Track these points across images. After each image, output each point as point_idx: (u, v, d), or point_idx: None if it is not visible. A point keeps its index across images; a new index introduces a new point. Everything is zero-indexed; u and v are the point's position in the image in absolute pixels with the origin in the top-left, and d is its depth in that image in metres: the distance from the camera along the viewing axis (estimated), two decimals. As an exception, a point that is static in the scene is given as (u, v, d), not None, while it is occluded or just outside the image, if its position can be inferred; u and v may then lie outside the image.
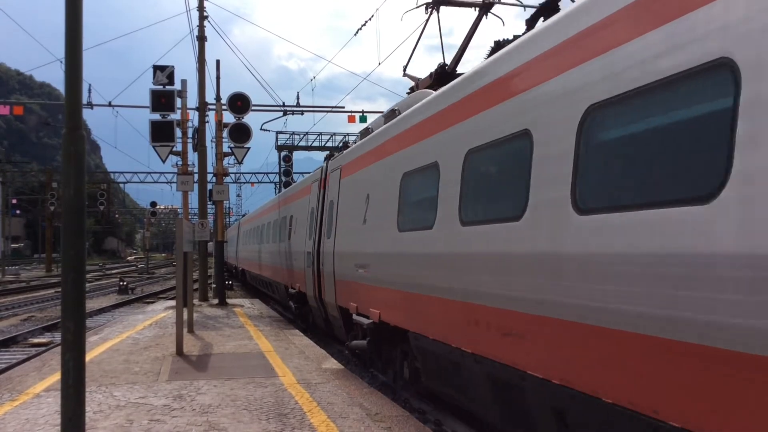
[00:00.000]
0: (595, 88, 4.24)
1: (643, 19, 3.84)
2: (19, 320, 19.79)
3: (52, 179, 57.87)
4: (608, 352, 3.94)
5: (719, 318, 3.12)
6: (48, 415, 6.49)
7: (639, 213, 3.72)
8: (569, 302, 4.31)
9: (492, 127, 5.65)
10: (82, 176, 3.30)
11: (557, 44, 4.77)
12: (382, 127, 9.58)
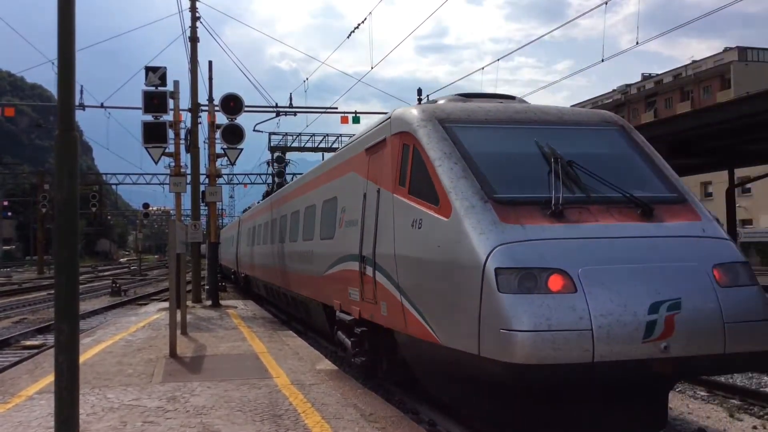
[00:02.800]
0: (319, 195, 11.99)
1: (327, 177, 11.67)
2: (11, 322, 19.70)
3: (43, 181, 57.64)
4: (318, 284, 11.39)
5: (313, 267, 11.64)
6: (41, 418, 6.47)
7: (316, 241, 11.92)
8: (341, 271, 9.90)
9: (327, 192, 11.36)
10: (75, 178, 3.29)
11: (317, 178, 12.75)
12: (285, 190, 17.79)
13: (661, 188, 6.91)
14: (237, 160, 21.06)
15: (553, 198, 6.17)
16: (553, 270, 5.48)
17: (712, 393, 9.49)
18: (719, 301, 5.59)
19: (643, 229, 6.12)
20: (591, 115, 8.22)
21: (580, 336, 5.19)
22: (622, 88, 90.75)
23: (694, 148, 17.63)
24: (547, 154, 6.78)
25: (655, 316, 5.34)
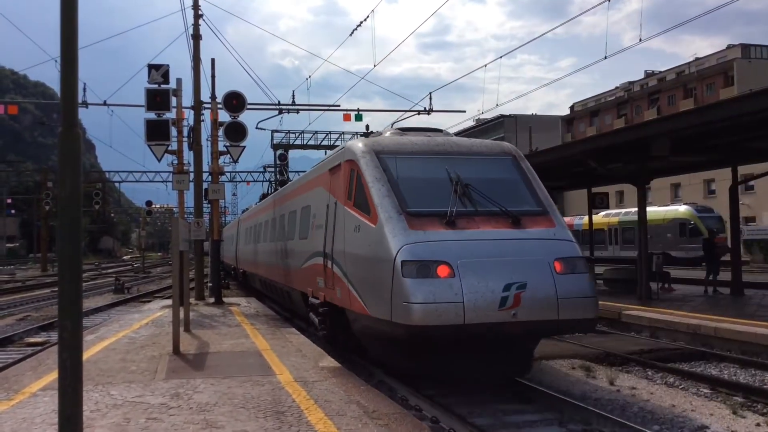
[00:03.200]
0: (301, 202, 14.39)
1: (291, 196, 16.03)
2: (15, 320, 19.74)
3: (47, 179, 57.69)
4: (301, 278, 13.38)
5: (289, 263, 14.84)
6: (45, 414, 6.49)
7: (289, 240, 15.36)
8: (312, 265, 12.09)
9: (304, 201, 13.78)
10: (78, 175, 3.30)
11: (295, 189, 15.71)
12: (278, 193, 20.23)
13: (531, 203, 9.53)
14: (240, 157, 21.06)
15: (449, 211, 8.77)
16: (440, 262, 8.02)
17: (715, 390, 9.49)
18: (555, 284, 8.13)
19: (510, 233, 8.73)
20: (493, 147, 10.84)
21: (455, 306, 7.74)
22: (625, 85, 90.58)
23: (696, 146, 17.61)
24: (452, 178, 9.34)
25: (507, 293, 7.88)
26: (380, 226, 8.70)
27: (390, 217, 8.69)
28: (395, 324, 8.02)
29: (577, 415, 7.88)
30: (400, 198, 9.00)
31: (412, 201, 8.99)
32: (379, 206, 8.91)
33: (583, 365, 10.64)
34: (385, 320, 8.25)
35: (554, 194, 30.84)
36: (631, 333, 14.49)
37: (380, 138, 10.84)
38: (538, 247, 8.63)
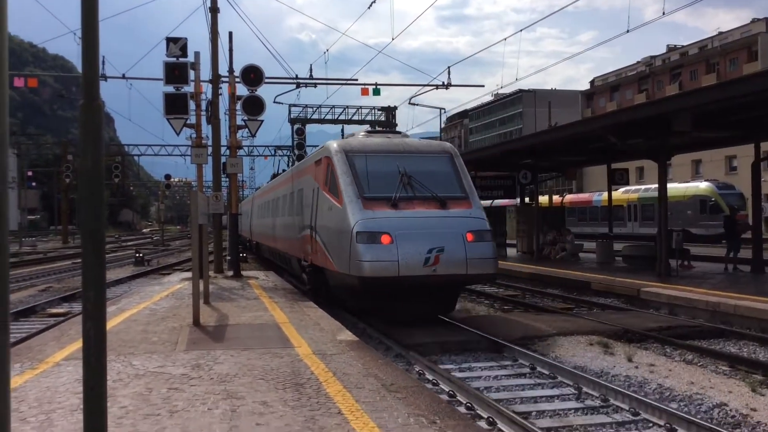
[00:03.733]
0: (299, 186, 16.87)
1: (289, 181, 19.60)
2: (37, 291, 20.05)
3: (67, 151, 58.13)
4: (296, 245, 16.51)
5: (289, 234, 17.84)
6: (68, 384, 6.60)
7: (288, 216, 18.62)
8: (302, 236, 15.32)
9: (299, 185, 16.64)
10: (99, 147, 3.31)
11: (293, 174, 18.95)
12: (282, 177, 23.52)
13: (457, 191, 12.64)
14: (257, 131, 21.05)
15: (393, 196, 12.00)
16: (383, 233, 11.25)
17: (734, 368, 9.45)
18: (465, 249, 11.36)
19: (436, 213, 11.91)
20: (435, 146, 14.04)
21: (393, 264, 10.99)
22: (646, 59, 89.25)
23: (719, 121, 17.35)
24: (400, 171, 12.44)
25: (430, 255, 11.11)
26: (344, 207, 12.04)
27: (351, 201, 11.99)
28: (352, 276, 11.41)
29: (594, 390, 7.89)
30: (360, 186, 12.25)
31: (368, 188, 12.26)
32: (344, 192, 12.22)
33: (601, 341, 10.62)
34: (346, 274, 11.64)
35: (574, 170, 30.66)
36: (649, 310, 14.43)
37: (351, 139, 14.33)
38: (456, 223, 11.84)
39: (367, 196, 11.97)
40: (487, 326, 11.85)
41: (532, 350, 10.19)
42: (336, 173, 12.62)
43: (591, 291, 17.12)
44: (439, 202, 12.12)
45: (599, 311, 14.56)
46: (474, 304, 16.24)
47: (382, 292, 11.63)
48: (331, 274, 12.80)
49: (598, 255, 24.46)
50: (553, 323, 12.09)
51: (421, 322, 11.96)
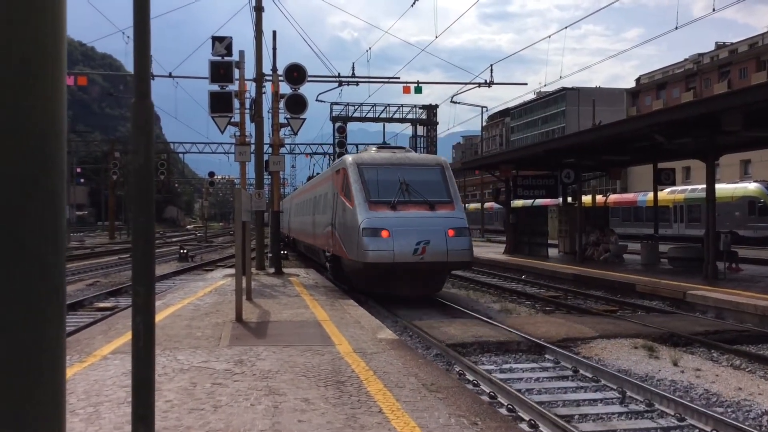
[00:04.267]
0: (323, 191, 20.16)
1: (316, 186, 23.11)
2: (85, 285, 20.53)
3: (114, 149, 59.42)
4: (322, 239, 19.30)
5: (316, 230, 20.89)
6: (115, 377, 6.75)
7: (316, 215, 21.33)
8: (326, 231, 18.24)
9: (324, 189, 19.73)
10: (151, 145, 3.38)
11: (319, 181, 23.06)
12: (312, 181, 27.84)
13: (444, 196, 15.71)
14: (300, 129, 21.22)
15: (393, 201, 15.16)
16: (383, 228, 14.35)
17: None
18: (446, 242, 14.48)
19: (426, 214, 15.06)
20: (430, 159, 17.73)
21: (389, 253, 14.16)
22: (694, 57, 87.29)
23: (771, 121, 16.88)
24: (399, 180, 15.61)
25: (418, 246, 14.23)
26: (355, 208, 15.25)
27: (359, 203, 15.22)
28: (359, 262, 14.75)
29: (639, 395, 7.76)
30: (367, 192, 15.46)
31: (374, 194, 15.44)
32: (355, 197, 15.43)
33: (646, 345, 10.42)
34: (355, 260, 15.00)
35: (618, 170, 30.12)
36: (695, 313, 14.12)
37: (363, 154, 17.95)
38: (440, 222, 15.01)
39: (372, 200, 15.31)
40: (529, 327, 11.74)
41: (575, 352, 10.06)
42: (350, 181, 15.88)
43: (635, 293, 16.83)
44: (428, 205, 15.42)
45: (644, 314, 14.31)
46: (515, 304, 16.11)
47: (381, 275, 14.90)
48: (345, 261, 16.09)
49: (642, 256, 24.03)
50: (597, 325, 11.92)
51: (460, 319, 12.27)
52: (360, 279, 15.69)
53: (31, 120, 1.52)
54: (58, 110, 1.59)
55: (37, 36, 1.53)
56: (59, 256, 1.62)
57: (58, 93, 1.60)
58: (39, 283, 1.53)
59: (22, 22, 1.50)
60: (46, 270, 1.55)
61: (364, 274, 15.09)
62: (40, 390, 1.55)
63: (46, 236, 1.56)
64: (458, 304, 15.75)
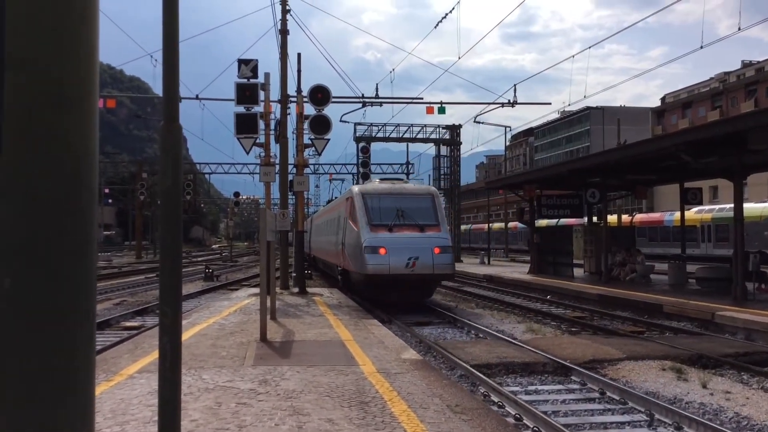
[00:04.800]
0: (337, 214, 23.41)
1: (331, 210, 26.87)
2: (112, 304, 20.73)
3: (141, 170, 60.24)
4: (335, 256, 22.39)
5: (331, 248, 23.71)
6: (141, 396, 6.80)
7: (331, 235, 24.25)
8: (338, 249, 21.25)
9: (337, 213, 23.31)
10: (179, 167, 3.43)
11: (334, 206, 26.63)
12: (328, 206, 32.86)
13: (432, 220, 18.59)
14: (324, 150, 21.37)
15: (390, 224, 18.11)
16: (381, 246, 17.49)
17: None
18: (432, 258, 17.52)
19: (416, 235, 18.02)
20: (422, 189, 20.59)
21: (386, 266, 17.33)
22: (720, 75, 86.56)
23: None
24: (396, 207, 18.48)
25: (409, 261, 17.35)
26: (359, 231, 18.26)
27: (363, 226, 18.24)
28: (362, 273, 17.85)
29: (667, 417, 7.63)
30: (369, 217, 18.45)
31: (374, 218, 18.43)
32: (359, 220, 18.47)
33: (674, 367, 10.26)
34: (358, 272, 18.16)
35: (644, 189, 29.85)
36: (725, 335, 13.88)
37: (367, 185, 21.24)
38: (428, 241, 17.94)
39: (373, 223, 18.32)
40: (554, 348, 11.62)
41: (602, 374, 9.93)
42: (355, 208, 18.90)
43: (663, 314, 16.59)
44: (419, 228, 18.35)
45: (671, 335, 14.10)
46: (540, 325, 15.96)
47: (379, 284, 17.85)
48: (351, 274, 19.45)
49: (670, 277, 23.71)
50: (623, 347, 11.76)
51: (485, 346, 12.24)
52: (363, 288, 18.77)
53: (66, 142, 1.56)
54: (91, 133, 1.64)
55: (72, 62, 1.58)
56: (91, 274, 1.66)
57: (92, 116, 1.64)
58: (73, 302, 1.57)
59: (58, 48, 1.55)
60: (81, 289, 1.59)
61: (366, 284, 18.25)
62: (72, 408, 1.58)
63: (80, 256, 1.60)
64: (482, 324, 15.66)
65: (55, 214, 1.54)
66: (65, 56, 1.56)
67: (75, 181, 1.58)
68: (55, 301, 1.54)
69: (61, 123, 1.55)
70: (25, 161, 1.51)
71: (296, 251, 21.91)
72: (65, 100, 1.56)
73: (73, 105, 1.58)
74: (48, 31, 1.53)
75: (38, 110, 1.52)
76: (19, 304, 1.50)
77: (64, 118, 1.56)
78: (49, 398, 1.53)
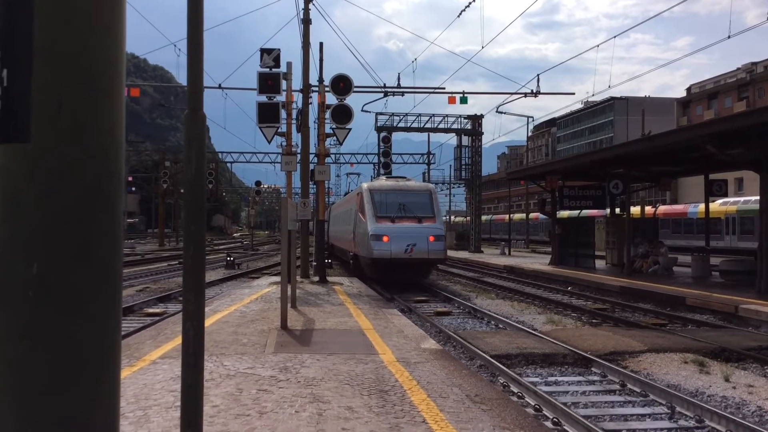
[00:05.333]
0: (350, 207, 26.66)
1: (346, 203, 30.22)
2: (135, 291, 20.98)
3: (164, 158, 60.70)
4: (348, 243, 25.79)
5: (345, 236, 27.12)
6: (164, 381, 6.89)
7: (345, 225, 27.52)
8: (350, 237, 24.95)
9: (350, 206, 26.47)
10: (202, 155, 3.46)
11: (348, 199, 30.34)
12: (344, 198, 36.29)
13: (429, 213, 21.99)
14: (345, 139, 21.38)
15: (393, 216, 21.54)
16: (384, 234, 20.84)
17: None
18: (428, 245, 20.94)
19: (415, 225, 21.34)
20: (421, 186, 24.16)
21: (388, 251, 20.70)
22: (746, 66, 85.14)
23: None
24: (398, 201, 22.02)
25: (407, 247, 20.71)
26: (366, 221, 21.42)
27: (370, 218, 21.35)
28: (368, 258, 21.05)
29: (689, 410, 7.58)
30: (375, 210, 21.60)
31: (380, 211, 21.58)
32: (367, 213, 21.59)
33: (696, 360, 10.18)
34: (365, 257, 21.34)
35: (669, 181, 29.53)
36: (748, 328, 13.74)
37: (375, 182, 25.23)
38: (424, 231, 20.97)
39: (378, 215, 21.58)
40: (575, 339, 11.59)
41: (622, 366, 9.88)
42: (364, 202, 22.22)
43: (685, 307, 16.45)
44: (417, 219, 21.56)
45: (694, 328, 13.98)
46: (561, 316, 15.90)
47: (382, 267, 21.19)
48: (360, 258, 22.87)
49: (693, 269, 23.48)
50: (645, 339, 11.68)
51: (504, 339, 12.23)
52: (370, 269, 22.16)
53: (94, 131, 1.59)
54: (118, 122, 1.66)
55: (99, 53, 1.60)
56: (118, 261, 1.69)
57: (118, 106, 1.67)
58: (101, 288, 1.60)
59: (86, 38, 1.57)
60: (108, 275, 1.62)
61: (371, 266, 21.69)
62: (99, 393, 1.61)
63: (107, 243, 1.63)
64: (502, 315, 15.64)
65: (82, 202, 1.57)
66: (94, 45, 1.58)
67: (103, 170, 1.61)
68: (83, 287, 1.57)
69: (90, 112, 1.58)
70: (53, 149, 1.54)
71: (317, 240, 21.99)
72: (94, 89, 1.58)
73: (102, 94, 1.60)
74: (77, 20, 1.55)
75: (67, 99, 1.54)
76: (47, 289, 1.53)
77: (92, 107, 1.58)
78: (77, 383, 1.56)
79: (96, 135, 1.59)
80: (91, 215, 1.58)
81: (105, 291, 1.62)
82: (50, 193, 1.53)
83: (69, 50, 1.54)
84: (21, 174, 1.53)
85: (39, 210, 1.53)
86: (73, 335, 1.55)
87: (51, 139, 1.53)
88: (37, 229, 1.53)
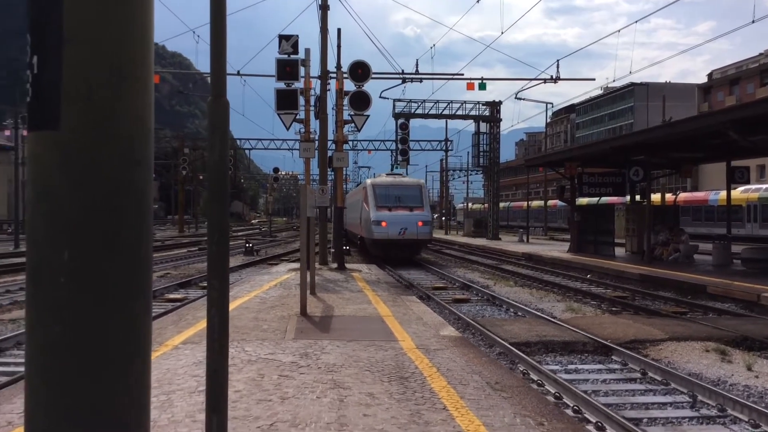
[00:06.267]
0: (358, 198, 33.04)
1: (354, 194, 37.68)
2: (156, 276, 21.14)
3: (183, 145, 61.01)
4: (357, 227, 32.24)
5: (355, 222, 33.05)
6: (186, 366, 6.96)
7: (355, 213, 33.04)
8: (358, 223, 31.32)
9: (358, 197, 32.46)
10: (226, 142, 3.46)
11: (356, 191, 38.47)
12: (353, 190, 44.64)
13: (419, 203, 28.37)
14: (363, 126, 21.35)
15: (390, 206, 27.61)
16: (383, 221, 27.03)
17: None
18: (417, 229, 27.25)
19: (407, 213, 27.46)
20: (414, 182, 30.72)
21: (386, 234, 26.94)
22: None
23: None
24: (395, 194, 28.30)
25: (401, 230, 26.87)
26: (370, 210, 27.37)
27: (372, 207, 27.28)
28: (371, 239, 27.57)
29: (710, 399, 7.53)
30: (376, 201, 27.44)
31: (380, 202, 27.46)
32: (370, 204, 27.52)
33: (718, 348, 10.10)
34: (369, 238, 27.77)
35: (690, 167, 29.21)
36: (771, 317, 13.59)
37: (377, 178, 30.53)
38: (414, 218, 27.08)
39: (379, 205, 27.20)
40: (594, 327, 11.53)
41: (643, 354, 9.83)
42: (368, 195, 27.96)
43: (706, 295, 16.31)
44: (409, 209, 27.23)
45: (715, 316, 13.86)
46: (580, 304, 15.83)
47: (381, 246, 26.96)
48: (365, 239, 28.50)
49: (714, 257, 23.25)
50: (666, 327, 11.61)
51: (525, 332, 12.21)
52: (372, 248, 27.98)
53: (123, 118, 1.59)
54: (146, 112, 1.66)
55: (128, 39, 1.60)
56: (148, 249, 1.69)
57: (146, 95, 1.66)
58: (131, 275, 1.61)
59: (114, 26, 1.57)
60: (137, 262, 1.63)
61: (373, 246, 27.63)
62: (129, 377, 1.62)
63: (137, 230, 1.63)
64: (521, 302, 15.60)
65: (112, 189, 1.57)
66: (123, 32, 1.58)
67: (132, 157, 1.61)
68: (113, 274, 1.58)
69: (119, 99, 1.58)
70: (83, 137, 1.54)
71: (335, 227, 22.04)
72: (123, 76, 1.58)
73: (131, 81, 1.60)
74: (106, 7, 1.55)
75: (97, 87, 1.54)
76: (78, 276, 1.54)
77: (121, 94, 1.58)
78: (107, 369, 1.57)
79: (125, 122, 1.59)
80: (121, 203, 1.59)
81: (134, 278, 1.63)
82: (80, 180, 1.54)
83: (98, 37, 1.54)
84: (52, 162, 1.54)
85: (69, 197, 1.54)
86: (104, 322, 1.57)
87: (81, 127, 1.53)
88: (68, 216, 1.54)
